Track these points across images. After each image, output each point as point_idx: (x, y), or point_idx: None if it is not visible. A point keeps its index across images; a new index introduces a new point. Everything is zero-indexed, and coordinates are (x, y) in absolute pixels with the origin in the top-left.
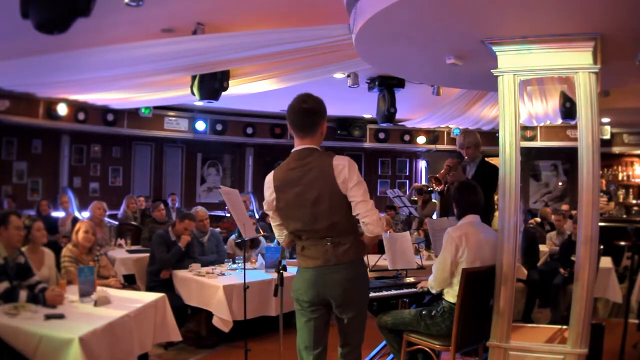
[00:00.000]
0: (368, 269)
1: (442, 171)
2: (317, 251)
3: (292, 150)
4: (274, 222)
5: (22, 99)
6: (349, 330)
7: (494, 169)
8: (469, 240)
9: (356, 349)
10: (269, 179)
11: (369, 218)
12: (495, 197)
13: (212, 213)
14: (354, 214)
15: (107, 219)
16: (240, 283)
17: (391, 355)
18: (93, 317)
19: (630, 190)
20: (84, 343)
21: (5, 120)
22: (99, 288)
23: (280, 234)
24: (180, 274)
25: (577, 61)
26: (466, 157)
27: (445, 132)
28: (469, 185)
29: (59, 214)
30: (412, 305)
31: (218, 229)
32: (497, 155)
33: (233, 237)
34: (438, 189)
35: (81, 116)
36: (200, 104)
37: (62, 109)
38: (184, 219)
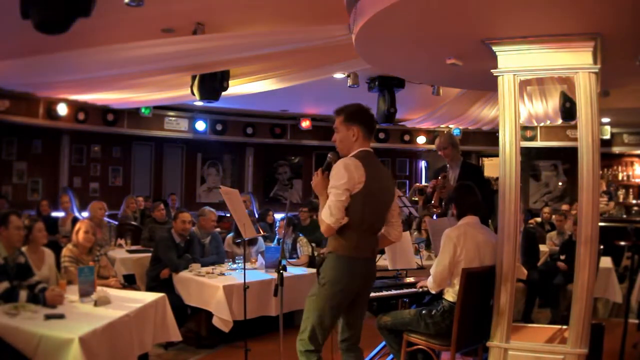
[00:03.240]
0: None
1: (434, 197)
2: (370, 243)
3: (364, 149)
4: (345, 202)
5: (22, 99)
6: (360, 320)
7: (476, 168)
8: (467, 240)
9: (360, 338)
10: (357, 163)
11: (401, 228)
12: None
13: None
14: (391, 220)
15: (106, 219)
16: (240, 283)
17: (391, 356)
18: (93, 317)
19: (630, 190)
20: (84, 343)
21: (5, 120)
22: (99, 288)
23: (343, 214)
24: (180, 274)
25: (577, 61)
26: (446, 158)
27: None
28: (468, 187)
29: (59, 214)
30: (412, 306)
31: (218, 229)
32: (497, 155)
33: (230, 235)
34: (438, 211)
35: (81, 116)
36: (200, 104)
37: (62, 109)
38: (177, 217)
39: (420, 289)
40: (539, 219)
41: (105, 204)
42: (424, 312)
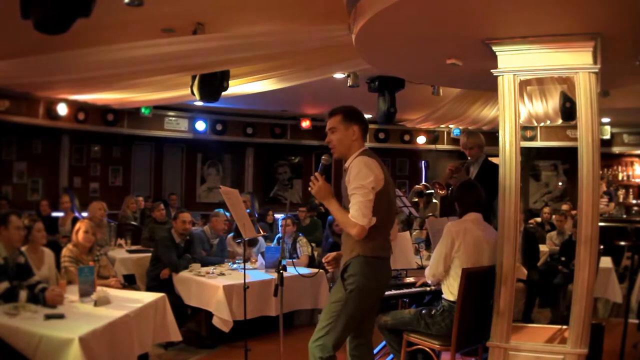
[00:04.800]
0: None
1: (444, 175)
2: (389, 242)
3: (366, 148)
4: (370, 196)
5: (22, 99)
6: (373, 322)
7: (497, 168)
8: (467, 236)
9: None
10: (373, 160)
11: (397, 226)
12: None
13: None
14: None
15: (106, 219)
16: (240, 283)
17: (391, 356)
18: (93, 317)
19: (630, 190)
20: (84, 343)
21: (5, 120)
22: (99, 288)
23: (371, 209)
24: (180, 274)
25: (577, 61)
26: (469, 158)
27: (445, 132)
28: (470, 184)
29: (58, 214)
30: (412, 305)
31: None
32: (497, 155)
33: (230, 235)
34: (442, 193)
35: (81, 116)
36: (200, 104)
37: (62, 109)
38: (177, 217)
39: (421, 286)
40: (539, 219)
41: (105, 204)
42: (423, 311)
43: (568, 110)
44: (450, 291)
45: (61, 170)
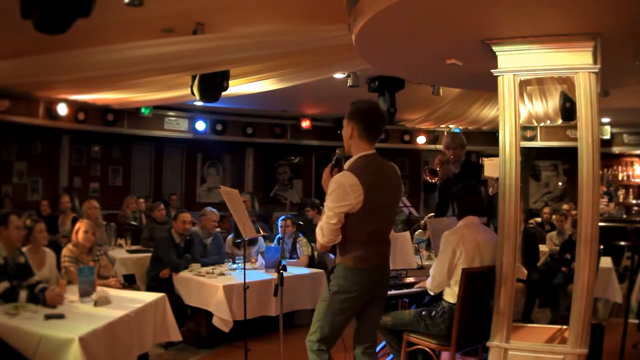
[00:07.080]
0: None
1: (435, 162)
2: (378, 252)
3: (363, 154)
4: (337, 225)
5: (22, 99)
6: (374, 323)
7: (477, 166)
8: (466, 243)
9: (375, 342)
10: (354, 181)
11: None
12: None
13: None
14: None
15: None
16: (240, 283)
17: (391, 355)
18: (93, 317)
19: (630, 190)
20: (84, 343)
21: (5, 120)
22: (99, 288)
23: (337, 235)
24: (180, 274)
25: (577, 61)
26: (452, 157)
27: (445, 132)
28: (471, 187)
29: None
30: (412, 306)
31: (218, 229)
32: (497, 155)
33: (230, 236)
34: (433, 180)
35: (81, 116)
36: (200, 104)
37: (62, 109)
38: (177, 217)
39: (419, 288)
40: (539, 219)
41: (96, 202)
42: (423, 313)
43: (568, 110)
44: (451, 294)
45: (61, 170)
